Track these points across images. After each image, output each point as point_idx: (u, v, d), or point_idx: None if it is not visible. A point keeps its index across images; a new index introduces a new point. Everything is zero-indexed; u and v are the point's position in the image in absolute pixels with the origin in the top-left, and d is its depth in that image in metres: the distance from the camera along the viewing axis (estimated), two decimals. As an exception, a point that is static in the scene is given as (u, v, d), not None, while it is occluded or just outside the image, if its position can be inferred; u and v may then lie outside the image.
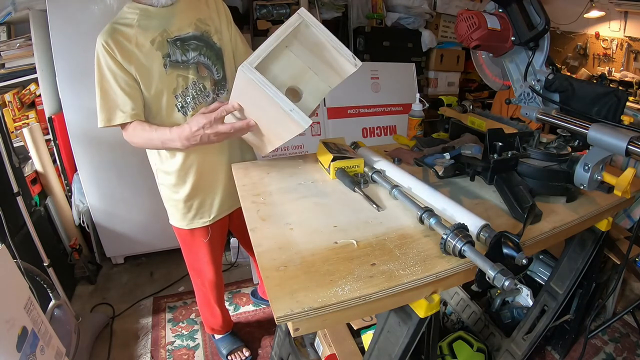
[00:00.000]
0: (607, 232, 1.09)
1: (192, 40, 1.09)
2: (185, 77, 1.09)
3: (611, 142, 0.78)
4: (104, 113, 1.04)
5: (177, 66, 1.07)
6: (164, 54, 1.05)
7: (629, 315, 1.70)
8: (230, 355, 1.58)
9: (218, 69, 1.15)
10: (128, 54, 1.01)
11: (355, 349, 1.23)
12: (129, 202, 2.04)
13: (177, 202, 1.25)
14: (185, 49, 1.08)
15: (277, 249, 0.72)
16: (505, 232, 0.67)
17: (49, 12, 1.69)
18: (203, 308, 1.55)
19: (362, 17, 2.57)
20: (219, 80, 1.16)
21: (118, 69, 1.01)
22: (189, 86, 1.10)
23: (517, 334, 1.37)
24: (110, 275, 2.14)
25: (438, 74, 2.96)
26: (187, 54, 1.08)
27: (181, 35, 1.07)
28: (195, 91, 1.11)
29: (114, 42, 0.99)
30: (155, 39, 1.04)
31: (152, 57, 1.03)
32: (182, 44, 1.07)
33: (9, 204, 1.40)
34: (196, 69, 1.10)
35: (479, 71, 1.26)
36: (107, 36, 0.99)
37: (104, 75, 1.01)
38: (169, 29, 1.05)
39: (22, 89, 1.99)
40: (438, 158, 0.94)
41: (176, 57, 1.06)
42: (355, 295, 0.61)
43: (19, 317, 1.05)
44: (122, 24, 1.02)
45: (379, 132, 2.39)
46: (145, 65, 1.03)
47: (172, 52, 1.06)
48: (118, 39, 1.00)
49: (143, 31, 1.02)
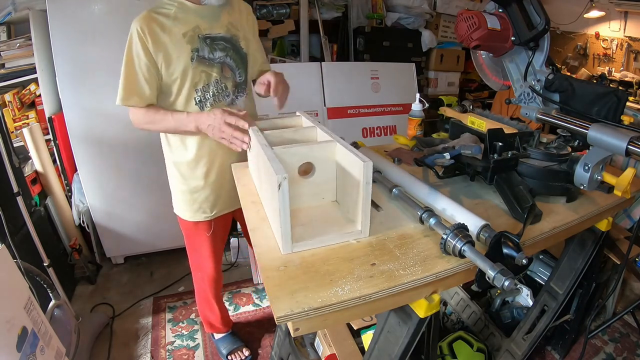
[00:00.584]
0: (607, 232, 1.09)
1: (221, 40, 1.14)
2: (208, 74, 1.13)
3: (611, 142, 0.78)
4: (123, 92, 1.09)
5: (203, 62, 1.11)
6: (192, 48, 1.09)
7: (629, 315, 1.70)
8: (230, 355, 1.58)
9: (241, 73, 1.21)
10: (159, 42, 1.06)
11: (355, 349, 1.23)
12: (129, 202, 2.04)
13: (184, 193, 1.27)
14: (213, 47, 1.12)
15: (277, 249, 0.72)
16: (505, 232, 0.67)
17: (49, 12, 1.69)
18: (202, 304, 1.55)
19: (362, 17, 2.57)
20: (240, 83, 1.21)
21: (145, 56, 1.05)
22: (210, 83, 1.14)
23: (517, 334, 1.37)
24: (110, 275, 2.14)
25: (438, 74, 2.96)
26: (214, 52, 1.13)
27: (212, 34, 1.12)
28: (216, 89, 1.15)
29: (148, 29, 1.04)
30: (187, 32, 1.08)
31: (181, 48, 1.08)
32: (211, 42, 1.12)
33: (9, 204, 1.40)
34: (220, 68, 1.15)
35: (479, 71, 1.26)
36: (143, 23, 1.04)
37: (131, 58, 1.06)
38: (202, 26, 1.10)
39: (22, 89, 1.99)
40: (438, 158, 0.94)
41: (204, 53, 1.11)
42: (355, 295, 0.61)
43: (19, 317, 1.05)
44: (160, 13, 1.07)
45: (379, 132, 2.39)
46: (173, 55, 1.08)
47: (200, 47, 1.10)
48: (152, 27, 1.05)
49: (178, 23, 1.08)
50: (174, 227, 2.16)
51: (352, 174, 0.74)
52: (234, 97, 1.20)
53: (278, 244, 0.72)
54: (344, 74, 2.28)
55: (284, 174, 0.64)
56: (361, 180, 0.70)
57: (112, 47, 1.77)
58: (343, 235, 0.75)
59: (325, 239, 0.73)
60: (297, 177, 0.81)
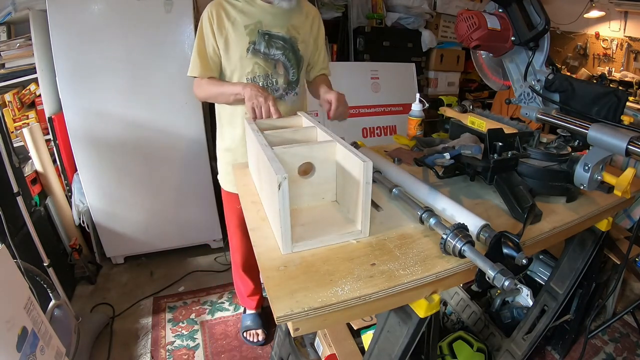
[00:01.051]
0: (607, 232, 1.09)
1: (279, 40, 1.23)
2: (260, 67, 1.22)
3: (611, 142, 0.78)
4: (191, 65, 1.24)
5: (258, 55, 1.21)
6: (250, 40, 1.19)
7: (629, 315, 1.70)
8: (246, 333, 1.66)
9: (295, 72, 1.29)
10: (223, 27, 1.19)
11: (355, 349, 1.23)
12: (129, 202, 2.04)
13: (221, 160, 1.42)
14: (270, 44, 1.22)
15: (277, 249, 0.72)
16: (505, 232, 0.67)
17: (49, 12, 1.69)
18: (235, 274, 1.65)
19: (362, 17, 2.57)
20: (292, 81, 1.29)
21: (211, 36, 1.19)
22: (261, 75, 1.23)
23: (517, 334, 1.37)
24: (110, 275, 2.14)
25: (438, 74, 2.96)
26: (271, 49, 1.22)
27: (271, 32, 1.21)
28: (266, 82, 1.24)
29: (216, 14, 1.18)
30: (249, 25, 1.19)
31: (240, 38, 1.19)
32: (269, 38, 1.21)
33: (9, 204, 1.39)
34: (274, 65, 1.24)
35: (479, 71, 1.26)
36: (214, 8, 1.19)
37: (201, 36, 1.21)
38: (264, 22, 1.20)
39: (22, 89, 1.99)
40: (438, 158, 0.94)
41: (260, 47, 1.21)
42: (355, 295, 0.61)
43: (19, 317, 1.05)
44: (230, 2, 1.20)
45: (379, 132, 2.39)
46: (232, 42, 1.20)
47: (258, 41, 1.20)
48: (220, 13, 1.18)
49: (243, 16, 1.19)
50: (174, 227, 2.18)
51: (352, 174, 0.74)
52: (283, 92, 1.28)
53: (278, 244, 0.72)
54: (344, 74, 2.28)
55: (284, 174, 0.64)
56: (361, 180, 0.70)
57: (112, 47, 1.77)
58: (343, 235, 0.75)
59: (325, 239, 0.73)
60: (297, 177, 0.81)
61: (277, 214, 0.67)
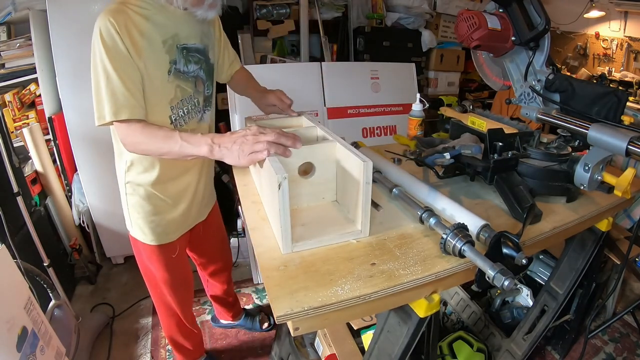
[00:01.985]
0: (607, 232, 1.09)
1: (195, 52, 1.02)
2: (183, 89, 1.00)
3: (611, 142, 0.78)
4: (110, 104, 0.86)
5: (178, 76, 0.98)
6: (170, 59, 0.95)
7: (629, 315, 1.70)
8: None
9: (209, 85, 1.10)
10: (138, 47, 0.88)
11: (355, 349, 1.23)
12: (129, 202, 2.03)
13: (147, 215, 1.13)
14: (188, 59, 1.00)
15: (277, 249, 0.72)
16: (505, 232, 0.67)
17: (49, 12, 1.69)
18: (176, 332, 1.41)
19: (362, 17, 2.57)
20: (208, 96, 1.11)
21: (127, 55, 0.86)
22: (185, 99, 1.02)
23: (517, 334, 1.37)
24: (110, 275, 2.14)
25: (438, 74, 2.96)
26: (189, 65, 1.00)
27: (188, 45, 0.99)
28: (190, 105, 1.04)
29: (126, 29, 0.85)
30: (167, 40, 0.94)
31: (160, 58, 0.93)
32: (187, 53, 0.99)
33: (9, 204, 1.40)
34: (194, 82, 1.03)
35: (479, 71, 1.26)
36: (119, 19, 0.85)
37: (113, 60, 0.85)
38: (180, 34, 0.97)
39: (22, 89, 1.99)
40: (438, 158, 0.94)
41: (180, 66, 0.98)
42: (355, 295, 0.61)
43: (19, 317, 1.05)
44: (136, 11, 0.89)
45: (379, 132, 2.39)
46: (151, 66, 0.92)
47: (178, 59, 0.97)
48: (130, 27, 0.86)
49: (157, 28, 0.91)
50: (174, 227, 2.17)
51: (352, 174, 0.74)
52: (203, 112, 1.09)
53: (278, 244, 0.73)
54: (344, 74, 2.27)
55: (284, 174, 0.64)
56: (361, 180, 0.70)
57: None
58: (343, 235, 0.75)
59: (325, 238, 0.73)
60: (297, 177, 0.81)
61: (277, 214, 0.67)
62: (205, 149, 0.81)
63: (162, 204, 1.11)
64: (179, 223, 1.18)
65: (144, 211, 1.10)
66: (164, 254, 1.17)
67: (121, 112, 0.87)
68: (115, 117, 0.87)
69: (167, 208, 1.13)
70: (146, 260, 1.20)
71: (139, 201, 1.10)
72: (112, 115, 0.87)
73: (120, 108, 0.87)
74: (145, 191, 1.09)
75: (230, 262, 1.60)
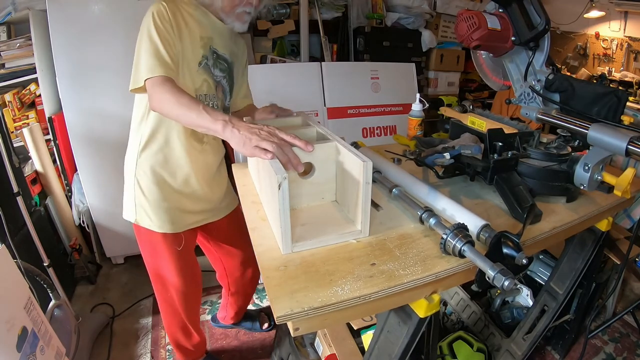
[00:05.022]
0: (607, 232, 1.09)
1: (223, 61, 1.11)
2: (209, 86, 1.08)
3: (611, 142, 0.78)
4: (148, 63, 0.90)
5: (207, 71, 1.07)
6: (203, 54, 1.05)
7: (629, 315, 1.70)
8: None
9: (229, 99, 1.19)
10: (180, 30, 0.98)
11: (355, 349, 1.23)
12: (129, 202, 2.03)
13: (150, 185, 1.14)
14: (216, 64, 1.09)
15: (277, 249, 0.72)
16: (505, 232, 0.67)
17: (49, 12, 1.69)
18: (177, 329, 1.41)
19: (362, 17, 2.57)
20: (227, 107, 1.19)
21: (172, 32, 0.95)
22: (209, 95, 1.09)
23: (517, 334, 1.37)
24: (110, 275, 2.14)
25: (438, 74, 2.96)
26: (215, 69, 1.09)
27: (219, 52, 1.09)
28: (212, 104, 1.10)
29: (172, 14, 0.96)
30: (204, 37, 1.04)
31: (196, 49, 1.03)
32: (216, 58, 1.09)
33: (9, 204, 1.40)
34: (216, 87, 1.11)
35: (479, 71, 1.26)
36: (168, 5, 0.95)
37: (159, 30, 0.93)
38: (215, 40, 1.08)
39: (22, 89, 1.99)
40: (438, 158, 0.94)
41: (210, 63, 1.07)
42: (355, 295, 0.61)
43: (19, 317, 1.05)
44: (185, 8, 1.01)
45: (379, 132, 2.39)
46: (188, 49, 1.00)
47: (209, 57, 1.07)
48: (177, 14, 0.97)
49: (198, 25, 1.03)
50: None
51: (352, 174, 0.74)
52: None
53: (278, 244, 0.72)
54: (344, 74, 2.28)
55: (284, 174, 0.64)
56: (361, 180, 0.70)
57: (112, 47, 1.77)
58: (343, 235, 0.75)
59: (325, 239, 0.73)
60: (297, 177, 0.81)
61: (277, 214, 0.67)
62: (220, 125, 0.80)
63: (170, 190, 1.13)
64: (187, 214, 1.19)
65: (152, 196, 1.12)
66: (168, 243, 1.17)
67: (157, 69, 0.91)
68: (151, 74, 0.90)
69: (175, 196, 1.14)
70: (150, 250, 1.20)
71: (148, 185, 1.11)
72: (149, 72, 0.90)
73: (157, 65, 0.91)
74: (155, 175, 1.11)
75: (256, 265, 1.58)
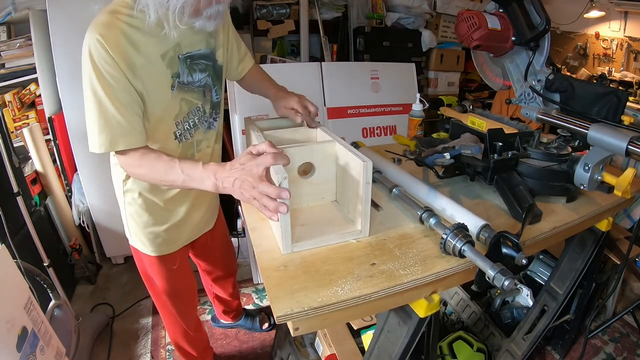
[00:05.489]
0: (607, 232, 1.09)
1: (201, 59, 0.93)
2: (188, 101, 0.93)
3: (611, 142, 0.78)
4: (105, 134, 0.79)
5: (182, 89, 0.91)
6: (173, 73, 0.87)
7: (629, 315, 1.70)
8: None
9: (217, 90, 1.01)
10: (133, 66, 0.79)
11: (355, 349, 1.23)
12: (129, 202, 2.03)
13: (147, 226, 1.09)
14: (192, 68, 0.92)
15: (277, 249, 0.72)
16: (504, 232, 0.67)
17: (49, 12, 1.69)
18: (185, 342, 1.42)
19: (362, 17, 2.57)
20: (217, 102, 1.02)
21: (121, 77, 0.78)
22: (191, 111, 0.95)
23: (517, 334, 1.37)
24: (110, 275, 2.14)
25: (438, 74, 2.96)
26: (194, 74, 0.92)
27: (192, 52, 0.90)
28: (197, 117, 0.97)
29: (117, 46, 0.76)
30: (167, 52, 0.84)
31: (160, 74, 0.85)
32: (191, 62, 0.91)
33: (9, 204, 1.40)
34: (202, 92, 0.96)
35: (479, 71, 1.26)
36: (109, 36, 0.75)
37: (105, 81, 0.77)
38: (182, 43, 0.87)
39: (22, 89, 1.99)
40: (438, 158, 0.94)
41: (184, 78, 0.90)
42: (355, 295, 0.61)
43: (19, 317, 1.05)
44: (129, 23, 0.78)
45: (379, 132, 2.39)
46: (150, 83, 0.84)
47: (181, 71, 0.89)
48: (122, 43, 0.77)
49: (154, 40, 0.82)
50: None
51: (352, 174, 0.74)
52: (211, 120, 1.02)
53: (278, 244, 0.73)
54: (344, 74, 2.27)
55: (284, 174, 0.64)
56: (361, 180, 0.70)
57: (112, 47, 1.77)
58: (343, 235, 0.75)
59: (325, 239, 0.73)
60: (297, 177, 0.81)
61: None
62: (210, 185, 0.75)
63: (161, 213, 1.06)
64: (179, 234, 1.14)
65: (142, 221, 1.06)
66: (164, 265, 1.14)
67: (117, 142, 0.80)
68: (111, 148, 0.81)
69: (167, 218, 1.08)
70: (147, 269, 1.17)
71: (137, 211, 1.05)
72: (108, 146, 0.81)
73: (116, 138, 0.80)
74: (144, 200, 1.03)
75: (235, 269, 1.60)
